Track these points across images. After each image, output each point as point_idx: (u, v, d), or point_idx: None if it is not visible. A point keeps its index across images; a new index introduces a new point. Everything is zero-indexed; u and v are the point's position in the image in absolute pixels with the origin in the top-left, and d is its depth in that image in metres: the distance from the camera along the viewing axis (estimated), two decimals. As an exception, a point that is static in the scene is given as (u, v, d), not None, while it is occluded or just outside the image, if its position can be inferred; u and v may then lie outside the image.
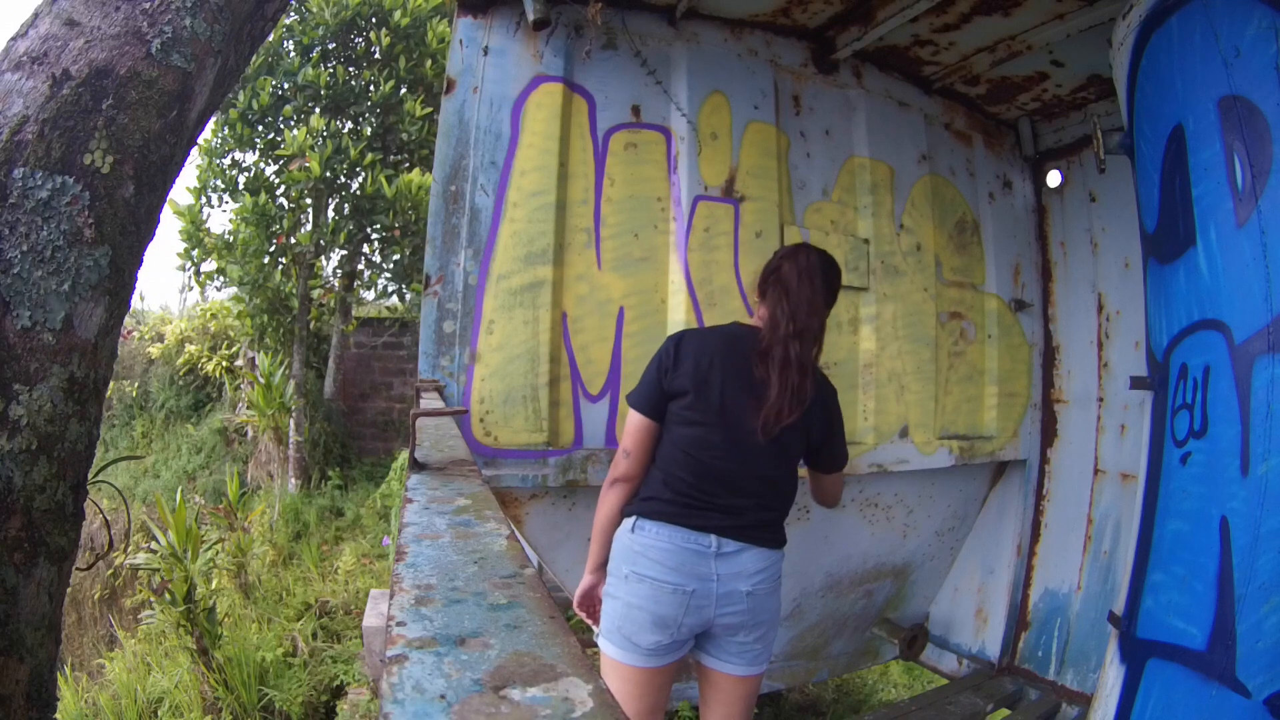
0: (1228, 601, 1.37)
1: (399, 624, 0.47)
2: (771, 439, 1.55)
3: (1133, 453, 2.49)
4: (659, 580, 1.51)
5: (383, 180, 5.99)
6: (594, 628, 1.72)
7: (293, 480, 6.24)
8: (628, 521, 1.59)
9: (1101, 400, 2.71)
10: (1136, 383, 1.87)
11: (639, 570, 1.53)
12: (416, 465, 1.03)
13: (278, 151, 6.01)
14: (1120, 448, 2.63)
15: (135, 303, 5.31)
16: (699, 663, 1.64)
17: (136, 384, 7.89)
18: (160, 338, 8.10)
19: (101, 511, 1.80)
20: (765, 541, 1.57)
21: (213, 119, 5.32)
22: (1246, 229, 1.41)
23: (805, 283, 1.59)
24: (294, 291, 6.32)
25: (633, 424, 1.61)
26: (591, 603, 1.72)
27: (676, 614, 1.51)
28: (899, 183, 2.53)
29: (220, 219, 30.16)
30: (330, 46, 6.42)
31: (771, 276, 1.65)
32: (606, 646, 1.57)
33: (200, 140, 3.37)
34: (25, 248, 1.18)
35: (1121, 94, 1.86)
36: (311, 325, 6.65)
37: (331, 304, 6.77)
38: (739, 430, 1.54)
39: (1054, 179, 2.88)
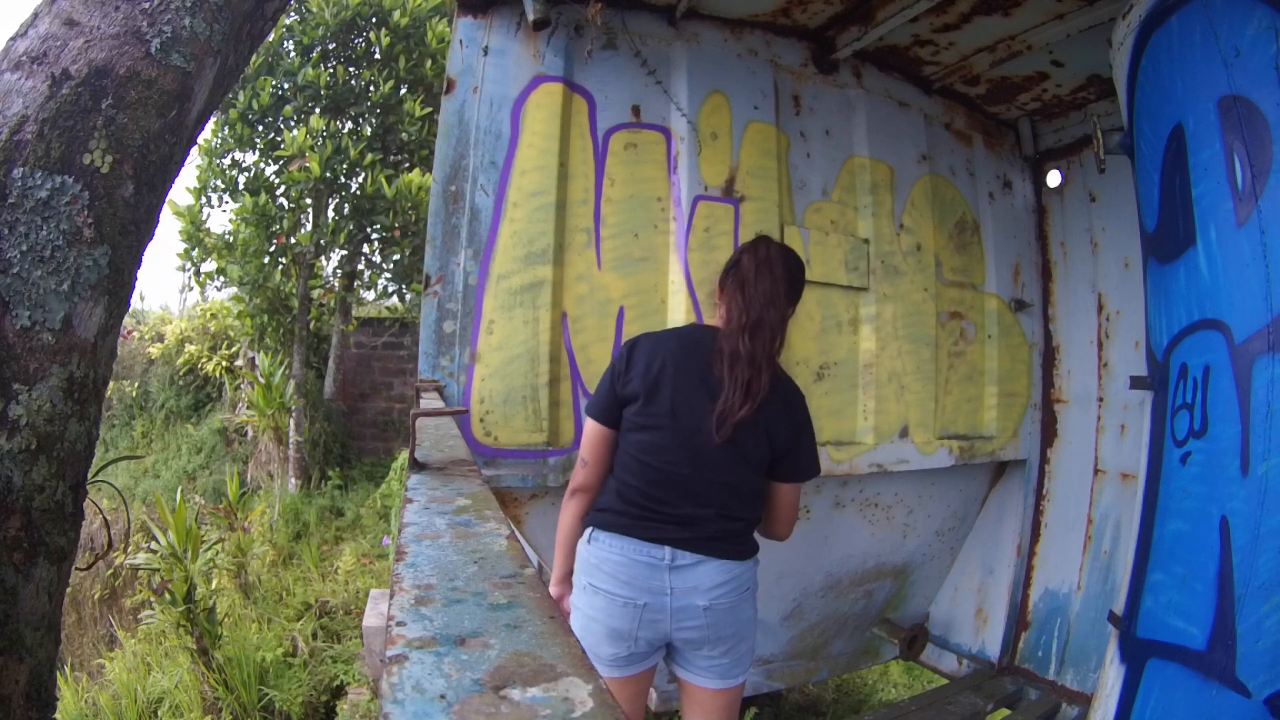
0: (1228, 601, 1.37)
1: (399, 624, 0.47)
2: (728, 441, 1.47)
3: (1133, 453, 2.49)
4: (611, 593, 1.47)
5: (383, 180, 6.00)
6: None
7: (293, 480, 6.24)
8: (586, 532, 1.56)
9: (1101, 400, 2.71)
10: (1136, 383, 1.88)
11: (595, 582, 1.50)
12: (416, 465, 1.03)
13: (278, 152, 6.01)
14: (1120, 448, 2.63)
15: (135, 303, 5.32)
16: (674, 673, 1.61)
17: (136, 384, 7.89)
18: (160, 338, 8.11)
19: (101, 511, 1.80)
20: (726, 553, 1.49)
21: (212, 119, 5.32)
22: (1246, 229, 1.41)
23: (764, 274, 1.52)
24: (294, 291, 6.32)
25: (588, 432, 1.59)
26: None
27: (630, 627, 1.46)
28: (899, 183, 2.53)
29: (220, 219, 30.16)
30: (330, 47, 6.42)
31: (730, 271, 1.60)
32: None
33: (200, 140, 3.37)
34: (25, 247, 1.18)
35: (1121, 94, 1.86)
36: (311, 325, 6.65)
37: (331, 304, 6.77)
38: (693, 434, 1.48)
39: (1054, 179, 2.88)
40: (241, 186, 6.21)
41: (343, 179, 6.14)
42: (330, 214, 6.31)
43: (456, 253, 1.92)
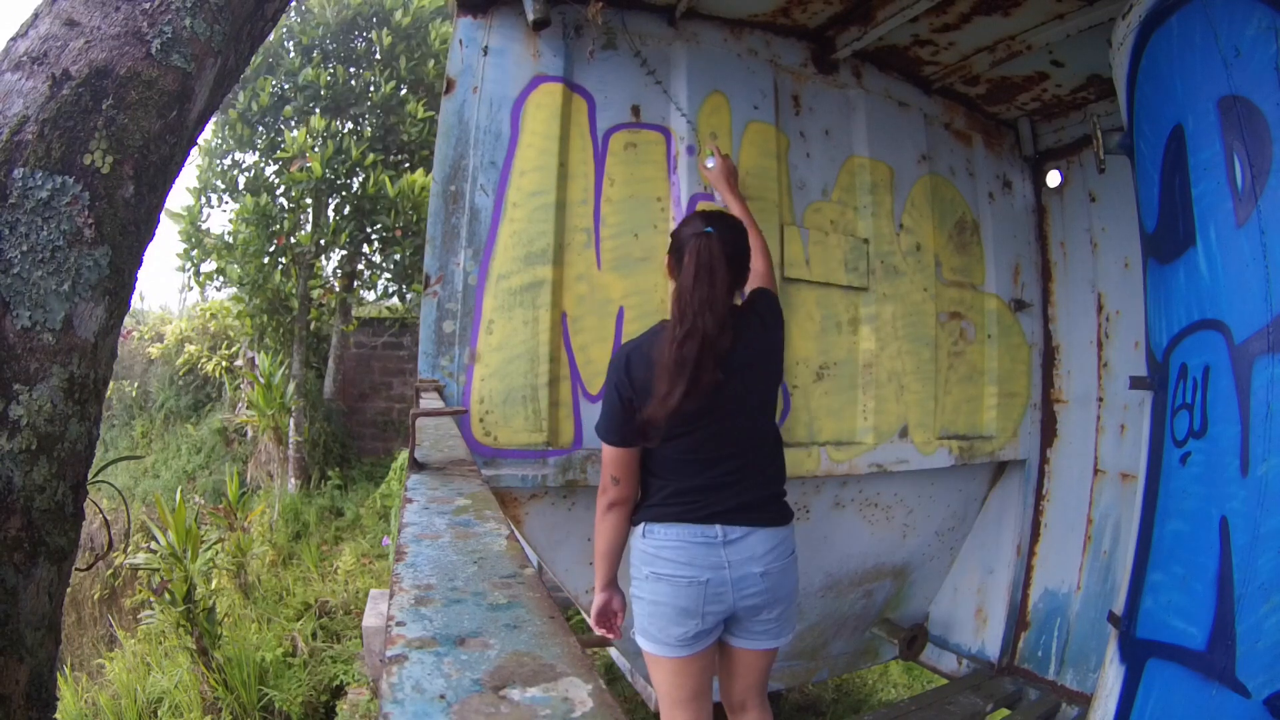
0: (1227, 601, 1.37)
1: (399, 624, 0.47)
2: (742, 415, 1.58)
3: (1132, 453, 2.49)
4: (675, 576, 1.57)
5: (386, 180, 5.99)
6: (613, 638, 1.80)
7: (292, 480, 6.24)
8: (637, 529, 1.64)
9: (1101, 400, 2.71)
10: (1136, 383, 1.87)
11: (656, 570, 1.59)
12: (416, 465, 1.03)
13: (279, 153, 6.01)
14: (1120, 448, 2.63)
15: (135, 303, 5.32)
16: (724, 641, 1.70)
17: (136, 384, 7.90)
18: (160, 338, 8.11)
19: (101, 511, 1.80)
20: (769, 521, 1.61)
21: (212, 119, 5.32)
22: (1246, 229, 1.41)
23: (703, 281, 1.52)
24: (294, 291, 6.32)
25: (613, 456, 1.62)
26: (608, 617, 1.75)
27: (697, 604, 1.57)
28: (899, 183, 2.53)
29: (220, 219, 30.16)
30: (330, 47, 6.42)
31: (675, 263, 1.62)
32: (643, 642, 1.65)
33: (200, 140, 3.37)
34: (25, 248, 1.18)
35: (1121, 94, 1.86)
36: (311, 325, 6.65)
37: (331, 304, 6.77)
38: (714, 426, 1.57)
39: (1054, 179, 2.88)
40: (241, 187, 6.21)
41: (343, 179, 6.15)
42: (330, 214, 6.31)
43: (456, 253, 1.92)
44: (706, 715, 1.68)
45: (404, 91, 6.58)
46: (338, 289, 6.86)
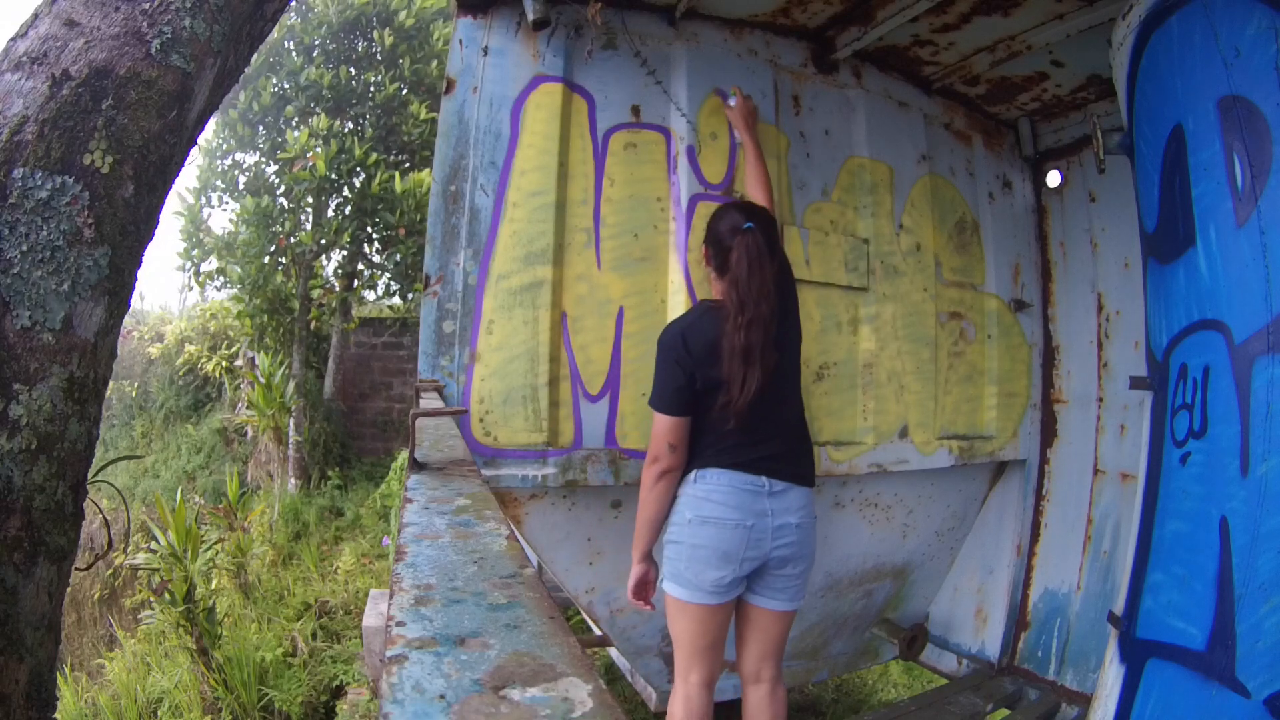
0: (1227, 601, 1.37)
1: (399, 624, 0.47)
2: (782, 389, 1.75)
3: (1132, 453, 2.49)
4: (722, 519, 1.69)
5: (396, 177, 5.98)
6: (647, 609, 1.88)
7: (292, 480, 6.24)
8: (688, 476, 1.77)
9: (1101, 400, 2.71)
10: (1136, 383, 1.88)
11: (703, 514, 1.71)
12: (416, 465, 1.03)
13: (280, 154, 6.00)
14: (1120, 448, 2.63)
15: (135, 303, 5.32)
16: (744, 601, 1.80)
17: (136, 384, 7.90)
18: (160, 338, 8.12)
19: (101, 511, 1.80)
20: (802, 480, 1.79)
21: (213, 119, 5.32)
22: (1246, 229, 1.41)
23: (755, 273, 1.69)
24: (294, 291, 6.32)
25: (671, 425, 1.73)
26: (644, 588, 1.83)
27: (738, 549, 1.69)
28: (899, 183, 2.53)
29: (220, 219, 30.17)
30: (330, 47, 6.41)
31: (723, 257, 1.76)
32: (672, 589, 1.74)
33: (200, 140, 3.37)
34: (25, 248, 1.18)
35: (1121, 94, 1.86)
36: (311, 325, 6.64)
37: (332, 304, 6.78)
38: (759, 395, 1.71)
39: (1054, 179, 2.87)
40: (242, 187, 6.21)
41: (345, 179, 6.14)
42: (331, 213, 6.30)
43: (456, 253, 1.92)
44: (719, 667, 1.80)
45: (405, 92, 6.58)
46: (338, 289, 6.85)
